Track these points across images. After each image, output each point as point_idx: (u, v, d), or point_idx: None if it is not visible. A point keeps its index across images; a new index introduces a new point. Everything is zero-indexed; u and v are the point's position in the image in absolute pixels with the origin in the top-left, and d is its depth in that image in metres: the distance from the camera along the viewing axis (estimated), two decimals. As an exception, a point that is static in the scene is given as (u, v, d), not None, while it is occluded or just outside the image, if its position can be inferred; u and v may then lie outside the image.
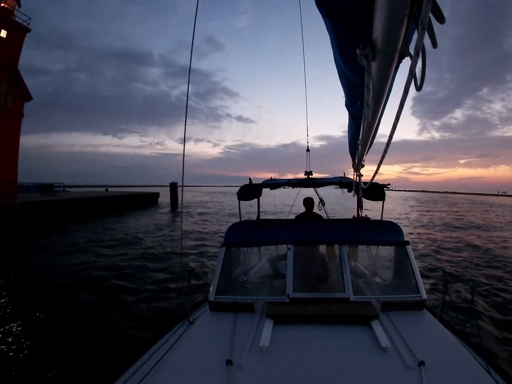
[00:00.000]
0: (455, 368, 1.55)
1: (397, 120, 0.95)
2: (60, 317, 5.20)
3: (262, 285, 2.91)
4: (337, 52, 1.34)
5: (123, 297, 6.26)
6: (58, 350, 4.06)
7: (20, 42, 20.43)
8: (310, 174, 3.93)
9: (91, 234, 14.40)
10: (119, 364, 1.99)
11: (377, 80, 1.04)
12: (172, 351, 1.85)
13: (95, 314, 5.43)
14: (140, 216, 23.08)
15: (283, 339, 1.82)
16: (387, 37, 0.83)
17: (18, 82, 18.85)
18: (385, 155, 1.17)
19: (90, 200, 22.46)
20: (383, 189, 3.63)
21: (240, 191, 3.79)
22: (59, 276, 7.58)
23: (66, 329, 4.71)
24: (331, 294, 2.37)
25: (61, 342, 4.29)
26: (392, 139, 1.05)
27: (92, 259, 9.60)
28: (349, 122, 2.63)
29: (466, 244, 12.87)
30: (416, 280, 2.37)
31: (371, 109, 1.24)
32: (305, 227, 3.00)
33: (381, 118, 1.60)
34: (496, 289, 6.41)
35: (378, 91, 1.10)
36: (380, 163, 1.33)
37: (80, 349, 3.97)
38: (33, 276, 7.50)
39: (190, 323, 2.30)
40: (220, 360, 1.61)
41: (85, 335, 4.42)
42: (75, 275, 7.76)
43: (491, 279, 7.52)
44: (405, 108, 0.94)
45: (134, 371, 1.87)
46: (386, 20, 0.77)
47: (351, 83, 1.56)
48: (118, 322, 5.06)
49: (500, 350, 3.87)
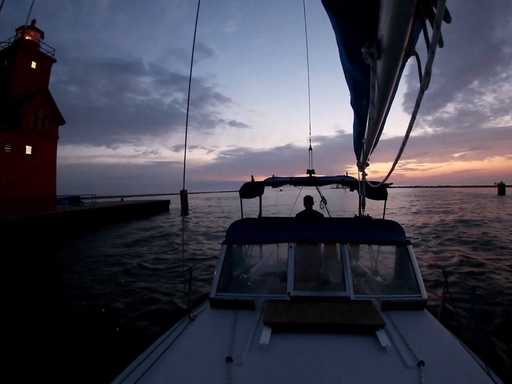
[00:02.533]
0: (454, 368, 1.53)
1: (413, 120, 0.91)
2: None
3: (263, 283, 2.94)
4: (343, 50, 1.35)
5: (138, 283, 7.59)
6: (58, 347, 4.14)
7: (48, 71, 23.01)
8: (313, 173, 3.90)
9: (130, 232, 17.31)
10: (120, 360, 2.01)
11: (382, 79, 1.03)
12: (173, 347, 1.85)
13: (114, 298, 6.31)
14: (161, 219, 26.18)
15: (283, 340, 1.81)
16: (393, 35, 0.82)
17: (52, 108, 21.48)
18: (401, 154, 1.10)
19: (115, 208, 25.27)
20: (386, 188, 3.59)
21: (242, 189, 3.76)
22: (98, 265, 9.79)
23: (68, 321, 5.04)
24: (332, 293, 2.36)
25: (60, 338, 4.42)
26: (408, 139, 1.00)
27: (144, 250, 12.35)
28: (354, 121, 2.63)
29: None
30: (417, 280, 2.35)
31: (376, 108, 1.23)
32: (306, 225, 3.02)
33: (386, 117, 1.58)
34: (496, 289, 6.40)
35: (384, 90, 1.09)
36: (395, 165, 1.25)
37: (81, 345, 4.03)
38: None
39: (191, 320, 2.26)
40: (220, 357, 1.61)
41: (86, 331, 4.55)
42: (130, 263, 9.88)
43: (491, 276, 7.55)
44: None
45: (135, 367, 1.87)
46: (392, 19, 0.77)
47: (357, 81, 1.57)
48: (126, 314, 5.46)
49: (500, 351, 3.85)
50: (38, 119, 20.36)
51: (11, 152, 18.40)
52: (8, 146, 18.20)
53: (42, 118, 20.74)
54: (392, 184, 3.85)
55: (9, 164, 17.99)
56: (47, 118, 21.10)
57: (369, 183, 2.83)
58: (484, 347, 2.16)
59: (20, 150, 19.03)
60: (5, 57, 20.86)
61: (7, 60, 20.72)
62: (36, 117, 20.21)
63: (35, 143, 19.99)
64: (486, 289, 6.34)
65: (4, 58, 20.85)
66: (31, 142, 19.75)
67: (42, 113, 20.68)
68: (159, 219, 26.09)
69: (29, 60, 21.20)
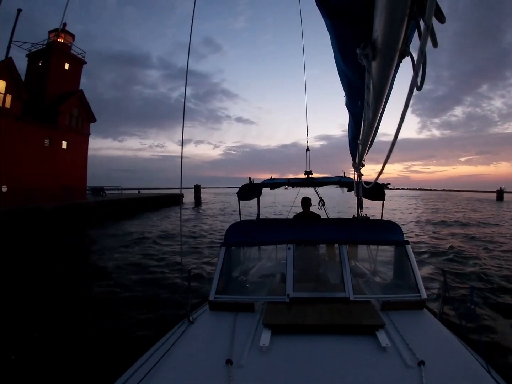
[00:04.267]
0: (454, 367, 1.54)
1: (402, 121, 0.92)
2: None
3: (262, 284, 2.93)
4: (337, 51, 1.36)
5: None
6: (52, 351, 3.92)
7: (79, 72, 25.00)
8: (310, 174, 3.91)
9: (156, 220, 19.81)
10: (119, 364, 2.01)
11: (377, 80, 1.04)
12: (172, 350, 1.84)
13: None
14: (178, 210, 29.16)
15: (283, 342, 1.81)
16: (387, 36, 0.83)
17: (86, 107, 23.69)
18: (390, 155, 1.11)
19: (138, 199, 27.89)
20: (383, 188, 3.61)
21: (240, 191, 3.77)
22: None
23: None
24: (331, 294, 2.38)
25: (56, 340, 4.19)
26: (396, 139, 1.01)
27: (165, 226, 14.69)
28: (349, 122, 2.65)
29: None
30: (416, 279, 2.38)
31: (372, 109, 1.24)
32: (305, 226, 3.02)
33: (381, 117, 1.60)
34: (496, 289, 6.45)
35: (379, 91, 1.10)
36: (384, 164, 1.28)
37: (80, 349, 3.78)
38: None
39: (190, 322, 2.25)
40: (220, 360, 1.60)
41: (87, 329, 4.36)
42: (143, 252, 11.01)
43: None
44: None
45: (134, 371, 1.86)
46: (387, 19, 0.77)
47: (352, 82, 1.58)
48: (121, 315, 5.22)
49: (500, 349, 3.87)
50: (73, 117, 22.65)
51: (50, 146, 20.75)
52: (47, 140, 20.50)
53: (76, 116, 23.01)
54: (389, 185, 3.96)
55: (48, 157, 20.37)
56: (80, 116, 23.39)
57: (363, 184, 2.91)
58: (484, 346, 2.18)
59: (57, 144, 21.38)
60: (39, 58, 22.66)
61: (41, 61, 22.51)
62: (71, 115, 22.50)
63: (70, 138, 22.33)
64: (485, 288, 6.37)
65: (38, 59, 22.65)
66: (67, 137, 22.07)
67: (76, 112, 22.94)
68: (175, 210, 29.12)
69: (63, 61, 23.09)
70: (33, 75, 21.86)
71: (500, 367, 1.89)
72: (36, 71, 22.13)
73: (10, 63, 18.11)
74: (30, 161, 18.83)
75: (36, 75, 21.86)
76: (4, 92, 17.56)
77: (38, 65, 22.51)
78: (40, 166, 19.50)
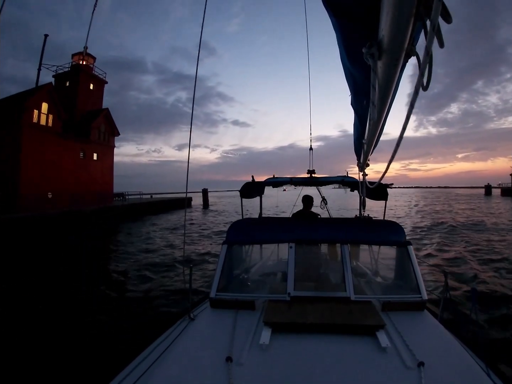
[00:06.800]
0: (454, 369, 1.54)
1: (407, 120, 0.93)
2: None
3: (263, 283, 2.98)
4: (343, 51, 1.36)
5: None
6: (50, 349, 3.98)
7: (102, 91, 28.10)
8: (313, 173, 3.90)
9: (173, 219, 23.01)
10: (119, 359, 2.02)
11: (383, 79, 1.04)
12: (173, 347, 1.86)
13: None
14: (190, 212, 32.15)
15: (283, 340, 1.82)
16: (394, 36, 0.82)
17: (111, 123, 27.01)
18: (394, 155, 1.12)
19: (154, 203, 31.24)
20: (386, 188, 3.60)
21: (243, 189, 3.77)
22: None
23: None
24: (332, 293, 2.38)
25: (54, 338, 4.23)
26: (402, 139, 1.02)
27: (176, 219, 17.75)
28: (354, 121, 2.64)
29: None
30: (417, 280, 2.37)
31: (377, 108, 1.24)
32: (307, 225, 3.04)
33: (386, 117, 1.60)
34: (497, 290, 6.47)
35: (384, 90, 1.09)
36: (389, 164, 1.29)
37: (80, 345, 3.85)
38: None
39: (191, 320, 2.25)
40: (220, 357, 1.61)
41: (86, 329, 4.40)
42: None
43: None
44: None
45: (135, 367, 1.88)
46: (393, 19, 0.77)
47: (357, 82, 1.59)
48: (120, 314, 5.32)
49: (500, 352, 3.86)
50: (101, 132, 25.89)
51: (84, 158, 23.99)
52: (82, 153, 23.74)
53: (104, 131, 26.27)
54: (392, 185, 3.92)
55: (83, 167, 23.59)
56: (107, 131, 26.66)
57: (367, 184, 2.84)
58: (484, 348, 2.07)
59: (90, 156, 24.62)
60: (66, 79, 25.47)
61: (68, 82, 25.31)
62: (100, 131, 25.73)
63: (99, 150, 25.60)
64: (486, 290, 6.32)
65: (65, 80, 25.45)
66: (97, 150, 25.36)
67: (103, 127, 26.18)
68: (188, 210, 32.45)
69: (88, 82, 26.07)
70: (60, 94, 24.27)
71: (499, 370, 1.90)
72: (63, 91, 24.68)
73: (50, 87, 21.34)
74: (68, 171, 22.00)
75: (63, 95, 24.19)
76: (47, 113, 20.74)
77: (65, 85, 25.34)
78: (76, 176, 22.68)
